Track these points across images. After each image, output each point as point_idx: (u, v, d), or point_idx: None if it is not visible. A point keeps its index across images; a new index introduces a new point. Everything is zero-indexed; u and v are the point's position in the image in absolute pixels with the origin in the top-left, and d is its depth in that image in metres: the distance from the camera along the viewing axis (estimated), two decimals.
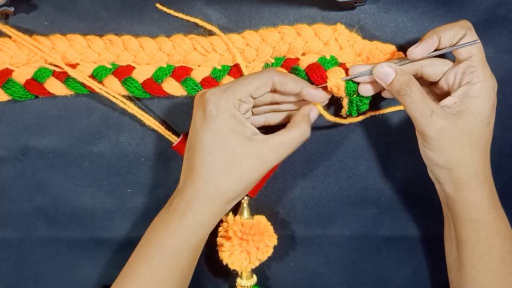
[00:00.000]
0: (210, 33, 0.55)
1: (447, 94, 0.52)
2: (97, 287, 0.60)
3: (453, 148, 0.50)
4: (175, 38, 0.54)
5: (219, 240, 0.56)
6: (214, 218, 0.50)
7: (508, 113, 0.58)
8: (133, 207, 0.59)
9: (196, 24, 0.55)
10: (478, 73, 0.50)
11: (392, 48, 0.55)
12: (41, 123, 0.57)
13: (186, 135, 0.53)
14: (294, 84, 0.51)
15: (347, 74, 0.54)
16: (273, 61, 0.55)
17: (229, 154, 0.47)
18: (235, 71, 0.55)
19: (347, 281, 0.61)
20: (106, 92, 0.54)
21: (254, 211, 0.58)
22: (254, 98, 0.49)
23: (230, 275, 0.60)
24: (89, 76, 0.54)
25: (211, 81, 0.55)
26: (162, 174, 0.58)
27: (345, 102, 0.55)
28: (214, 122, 0.47)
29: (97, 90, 0.54)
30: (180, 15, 0.55)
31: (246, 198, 0.57)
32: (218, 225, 0.55)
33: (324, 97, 0.54)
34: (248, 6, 0.55)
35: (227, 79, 0.55)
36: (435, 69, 0.52)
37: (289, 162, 0.58)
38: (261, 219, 0.56)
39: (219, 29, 0.55)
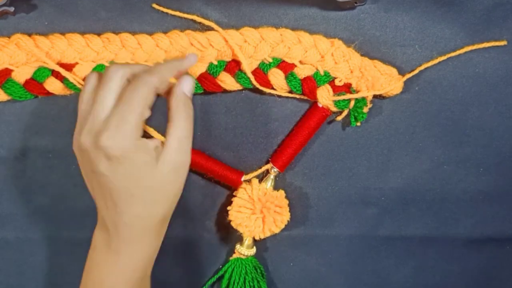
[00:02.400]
0: (209, 29, 0.55)
1: None
2: None
3: None
4: (172, 34, 0.54)
5: (237, 201, 0.56)
6: (159, 241, 0.50)
7: (508, 113, 0.58)
8: None
9: (195, 22, 0.55)
10: None
11: (392, 70, 0.55)
12: (41, 123, 0.57)
13: None
14: (170, 73, 0.48)
15: (335, 91, 0.55)
16: (270, 60, 0.55)
17: (152, 187, 0.46)
18: (232, 66, 0.55)
19: (347, 281, 0.61)
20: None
21: None
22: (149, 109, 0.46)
23: (228, 240, 0.60)
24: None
25: (208, 77, 0.55)
26: None
27: (344, 114, 0.56)
28: (124, 165, 0.44)
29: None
30: (178, 13, 0.55)
31: (275, 170, 0.57)
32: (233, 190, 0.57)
33: (195, 59, 0.50)
34: (248, 6, 0.55)
35: (223, 75, 0.55)
36: None
37: (291, 163, 0.58)
38: (283, 194, 0.56)
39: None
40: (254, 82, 0.55)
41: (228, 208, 0.56)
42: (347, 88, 0.55)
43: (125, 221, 0.46)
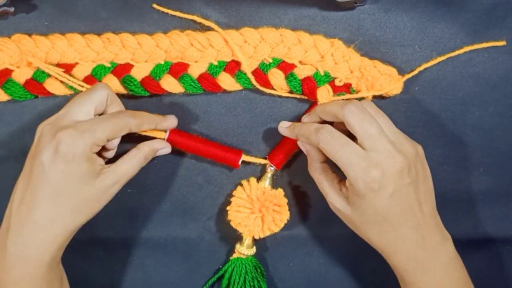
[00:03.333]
0: (209, 29, 0.55)
1: None
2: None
3: (360, 229, 0.51)
4: (172, 34, 0.54)
5: (236, 200, 0.56)
6: (58, 253, 0.49)
7: (508, 113, 0.58)
8: (133, 207, 0.59)
9: (195, 23, 0.55)
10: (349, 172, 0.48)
11: (392, 70, 0.56)
12: None
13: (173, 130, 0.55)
14: (149, 125, 0.52)
15: (335, 91, 0.55)
16: (270, 60, 0.55)
17: (79, 196, 0.47)
18: (231, 66, 0.55)
19: (347, 281, 0.61)
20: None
21: None
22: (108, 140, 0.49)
23: (228, 239, 0.60)
24: (88, 76, 0.54)
25: (208, 77, 0.55)
26: (162, 174, 0.58)
27: None
28: (67, 165, 0.46)
29: (80, 88, 0.54)
30: (178, 13, 0.55)
31: (271, 168, 0.57)
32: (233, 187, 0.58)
33: (175, 122, 0.55)
34: (248, 6, 0.55)
35: (223, 75, 0.55)
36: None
37: (290, 161, 0.58)
38: (282, 193, 0.56)
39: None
40: (254, 83, 0.55)
41: (227, 207, 0.56)
42: (347, 88, 0.55)
43: (35, 219, 0.46)
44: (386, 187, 0.47)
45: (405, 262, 0.50)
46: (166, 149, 0.54)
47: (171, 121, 0.54)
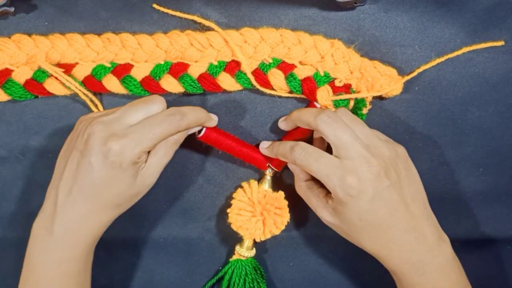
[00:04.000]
0: (209, 29, 0.55)
1: None
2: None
3: (352, 237, 0.51)
4: (172, 34, 0.54)
5: (237, 203, 0.56)
6: (100, 235, 0.52)
7: (508, 113, 0.58)
8: (133, 207, 0.59)
9: (195, 23, 0.55)
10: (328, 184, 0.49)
11: (392, 71, 0.56)
12: (41, 123, 0.57)
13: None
14: (196, 126, 0.53)
15: (334, 92, 0.55)
16: (270, 60, 0.55)
17: (123, 194, 0.49)
18: (231, 67, 0.55)
19: (347, 281, 0.61)
20: (83, 93, 0.55)
21: None
22: None
23: (228, 241, 0.60)
24: (88, 76, 0.54)
25: (208, 77, 0.55)
26: (162, 174, 0.58)
27: None
28: (113, 171, 0.47)
29: (76, 91, 0.54)
30: (178, 13, 0.55)
31: (270, 170, 0.57)
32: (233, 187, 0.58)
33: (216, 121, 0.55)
34: (248, 6, 0.55)
35: (223, 75, 0.55)
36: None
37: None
38: (282, 195, 0.56)
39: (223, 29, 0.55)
40: (254, 83, 0.55)
41: (228, 210, 0.56)
42: (347, 89, 0.55)
43: (83, 212, 0.48)
44: (364, 192, 0.47)
45: (400, 266, 0.50)
46: (196, 128, 0.54)
47: (215, 121, 0.55)
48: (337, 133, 0.48)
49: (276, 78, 0.55)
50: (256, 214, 0.55)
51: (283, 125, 0.56)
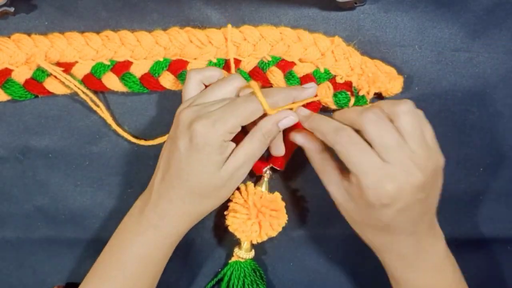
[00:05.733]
0: (208, 27, 0.55)
1: None
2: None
3: (356, 225, 0.51)
4: (171, 31, 0.54)
5: (234, 206, 0.55)
6: (185, 229, 0.52)
7: (508, 113, 0.58)
8: None
9: (194, 21, 0.55)
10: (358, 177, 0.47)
11: (391, 70, 0.55)
12: (41, 123, 0.57)
13: None
14: (285, 101, 0.50)
15: (335, 88, 0.55)
16: (270, 58, 0.55)
17: (206, 185, 0.49)
18: (230, 64, 0.55)
19: (347, 281, 0.61)
20: (83, 91, 0.55)
21: None
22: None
23: (227, 243, 0.60)
24: (88, 74, 0.54)
25: None
26: None
27: None
28: (199, 154, 0.47)
29: (75, 89, 0.54)
30: None
31: (268, 172, 0.57)
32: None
33: (314, 90, 0.53)
34: (248, 6, 0.55)
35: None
36: None
37: (290, 162, 0.58)
38: (279, 197, 0.56)
39: (219, 28, 0.55)
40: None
41: (225, 212, 0.56)
42: (348, 86, 0.55)
43: (170, 196, 0.49)
44: (397, 202, 0.45)
45: (394, 261, 0.50)
46: (289, 118, 0.50)
47: (311, 90, 0.53)
48: (383, 135, 0.45)
49: (275, 76, 0.55)
50: (252, 216, 0.55)
51: (306, 124, 0.52)
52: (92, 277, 0.52)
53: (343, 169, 0.49)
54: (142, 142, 0.56)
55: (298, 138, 0.52)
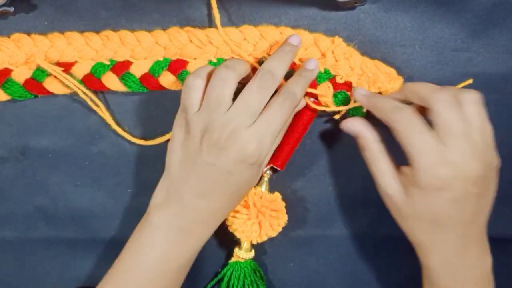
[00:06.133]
0: (208, 27, 0.55)
1: None
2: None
3: (404, 220, 0.49)
4: (171, 31, 0.54)
5: None
6: (210, 235, 0.52)
7: (508, 113, 0.58)
8: (134, 207, 0.59)
9: (194, 22, 0.55)
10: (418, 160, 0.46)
11: (391, 71, 0.55)
12: (41, 123, 0.57)
13: None
14: (306, 88, 0.52)
15: (335, 88, 0.55)
16: None
17: (250, 187, 0.51)
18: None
19: (347, 281, 0.61)
20: (83, 91, 0.55)
21: None
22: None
23: (227, 243, 0.60)
24: (87, 74, 0.54)
25: None
26: (162, 173, 0.58)
27: (342, 112, 0.56)
28: (253, 170, 0.48)
29: (75, 89, 0.54)
30: None
31: (268, 172, 0.57)
32: None
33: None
34: (248, 6, 0.55)
35: None
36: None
37: (289, 162, 0.58)
38: (279, 197, 0.56)
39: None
40: None
41: None
42: (348, 86, 0.55)
43: (213, 207, 0.49)
44: (450, 189, 0.44)
45: (439, 266, 0.48)
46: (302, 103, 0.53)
47: (316, 69, 0.53)
48: (451, 119, 0.44)
49: None
50: (251, 216, 0.55)
51: (389, 97, 0.52)
52: (113, 278, 0.51)
53: (397, 164, 0.49)
54: (142, 142, 0.56)
55: (355, 126, 0.51)
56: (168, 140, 0.56)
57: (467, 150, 0.44)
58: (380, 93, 0.56)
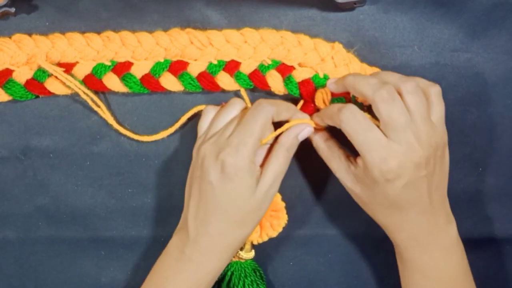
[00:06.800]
0: (209, 28, 0.55)
1: None
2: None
3: (367, 206, 0.53)
4: (172, 32, 0.55)
5: None
6: (227, 262, 0.53)
7: (508, 113, 0.58)
8: (134, 207, 0.59)
9: (195, 22, 0.55)
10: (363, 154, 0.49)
11: None
12: (42, 123, 0.57)
13: None
14: (287, 113, 0.53)
15: (333, 94, 0.55)
16: (270, 62, 0.55)
17: (243, 209, 0.50)
18: (231, 66, 0.55)
19: (346, 281, 0.61)
20: (84, 92, 0.55)
21: None
22: None
23: None
24: (88, 74, 0.55)
25: (207, 76, 0.55)
26: (163, 173, 0.58)
27: None
28: (232, 183, 0.49)
29: (76, 90, 0.54)
30: None
31: None
32: None
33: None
34: (248, 6, 0.56)
35: (222, 74, 0.55)
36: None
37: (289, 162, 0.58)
38: (279, 197, 0.56)
39: (219, 29, 0.55)
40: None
41: None
42: (346, 92, 0.55)
43: (209, 232, 0.50)
44: (400, 177, 0.47)
45: (405, 241, 0.51)
46: (307, 129, 0.53)
47: (306, 115, 0.54)
48: (393, 115, 0.47)
49: (274, 80, 0.55)
50: None
51: (333, 86, 0.53)
52: None
53: (349, 155, 0.52)
54: (144, 138, 0.56)
55: (303, 134, 0.53)
56: (170, 135, 0.56)
57: (412, 140, 0.47)
58: None
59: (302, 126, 0.53)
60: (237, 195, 0.49)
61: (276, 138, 0.53)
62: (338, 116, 0.48)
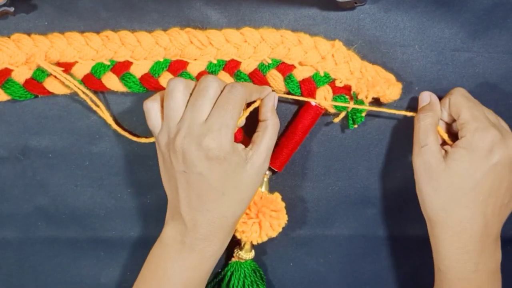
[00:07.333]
0: (209, 28, 0.55)
1: None
2: None
3: (438, 193, 0.52)
4: (171, 32, 0.54)
5: None
6: (227, 242, 0.53)
7: (508, 113, 0.58)
8: (134, 207, 0.59)
9: (195, 21, 0.55)
10: (468, 127, 0.52)
11: (390, 76, 0.56)
12: (41, 123, 0.57)
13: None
14: (257, 94, 0.53)
15: (334, 92, 0.55)
16: (270, 61, 0.55)
17: (240, 187, 0.50)
18: (230, 66, 0.55)
19: (347, 281, 0.61)
20: (83, 91, 0.55)
21: None
22: None
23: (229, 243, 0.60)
24: (87, 74, 0.54)
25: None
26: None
27: (341, 115, 0.56)
28: (221, 165, 0.48)
29: (75, 89, 0.54)
30: None
31: (268, 172, 0.57)
32: None
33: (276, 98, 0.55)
34: (248, 6, 0.55)
35: (222, 74, 0.55)
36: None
37: (289, 162, 0.58)
38: (279, 197, 0.56)
39: (219, 29, 0.55)
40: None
41: None
42: (347, 90, 0.55)
43: (208, 218, 0.50)
44: (495, 153, 0.50)
45: (459, 251, 0.51)
46: (276, 97, 0.54)
47: (272, 96, 0.54)
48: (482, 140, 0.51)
49: (275, 80, 0.55)
50: (252, 216, 0.55)
51: (444, 115, 0.55)
52: None
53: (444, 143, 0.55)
54: (142, 140, 0.56)
55: (432, 97, 0.56)
56: None
57: (496, 133, 0.51)
58: (378, 98, 0.56)
59: (271, 96, 0.54)
60: (230, 176, 0.49)
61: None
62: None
